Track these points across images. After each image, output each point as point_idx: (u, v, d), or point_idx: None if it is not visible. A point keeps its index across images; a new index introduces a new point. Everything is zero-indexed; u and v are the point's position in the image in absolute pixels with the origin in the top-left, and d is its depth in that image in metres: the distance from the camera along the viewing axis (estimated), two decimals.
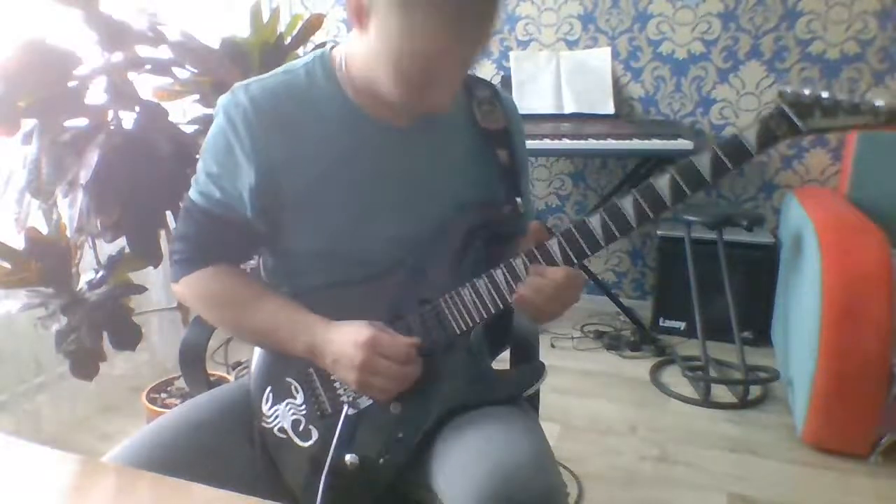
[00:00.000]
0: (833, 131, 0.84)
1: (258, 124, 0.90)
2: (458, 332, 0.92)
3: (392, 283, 0.94)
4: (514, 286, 0.90)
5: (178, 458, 0.85)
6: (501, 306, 0.91)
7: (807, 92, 0.83)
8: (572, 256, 0.90)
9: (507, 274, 0.91)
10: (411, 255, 0.95)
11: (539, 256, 0.90)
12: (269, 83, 0.93)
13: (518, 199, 0.97)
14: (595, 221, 0.89)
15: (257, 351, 1.02)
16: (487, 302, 0.91)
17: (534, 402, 1.06)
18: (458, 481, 0.81)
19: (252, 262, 1.14)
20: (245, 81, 0.93)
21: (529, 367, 0.96)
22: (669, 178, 0.86)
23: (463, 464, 0.83)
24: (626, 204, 0.88)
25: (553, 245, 0.90)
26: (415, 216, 0.95)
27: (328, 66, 0.94)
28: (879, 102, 0.80)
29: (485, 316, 0.92)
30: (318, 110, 0.92)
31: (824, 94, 0.82)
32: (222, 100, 0.92)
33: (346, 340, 0.87)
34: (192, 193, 0.97)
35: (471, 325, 0.92)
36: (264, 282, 1.05)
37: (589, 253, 0.90)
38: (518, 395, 0.95)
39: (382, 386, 0.87)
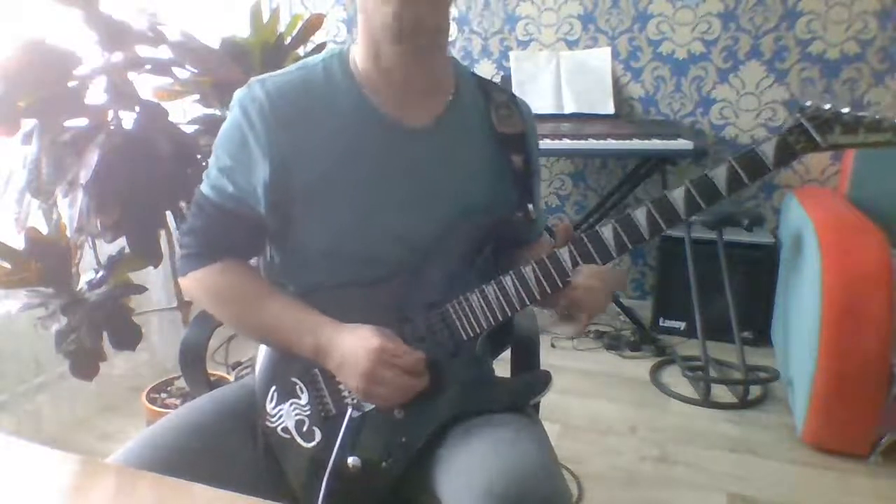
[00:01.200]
0: (852, 148, 0.83)
1: (273, 118, 0.90)
2: (464, 337, 0.91)
3: (398, 285, 0.94)
4: (522, 294, 0.90)
5: (179, 459, 0.85)
6: (510, 313, 0.91)
7: (827, 107, 0.81)
8: (582, 265, 0.89)
9: (516, 281, 0.90)
10: (419, 257, 0.94)
11: (550, 265, 0.89)
12: (285, 78, 0.93)
13: (530, 206, 0.97)
14: (607, 232, 0.88)
15: (262, 349, 1.01)
16: (496, 309, 0.91)
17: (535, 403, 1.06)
18: (462, 487, 0.81)
19: (252, 261, 1.14)
20: (261, 76, 0.93)
21: (535, 375, 0.96)
22: (684, 191, 0.85)
23: (467, 469, 0.82)
24: (640, 215, 0.87)
25: (564, 254, 0.89)
26: (423, 217, 0.94)
27: (346, 62, 0.95)
28: None
29: (492, 323, 0.91)
30: (333, 105, 0.92)
31: (845, 110, 0.81)
32: (238, 93, 0.93)
33: (354, 346, 0.87)
34: (204, 188, 0.96)
35: (478, 331, 0.91)
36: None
37: (600, 263, 0.89)
38: (523, 403, 0.94)
39: (385, 395, 0.86)
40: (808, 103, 0.83)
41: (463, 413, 0.90)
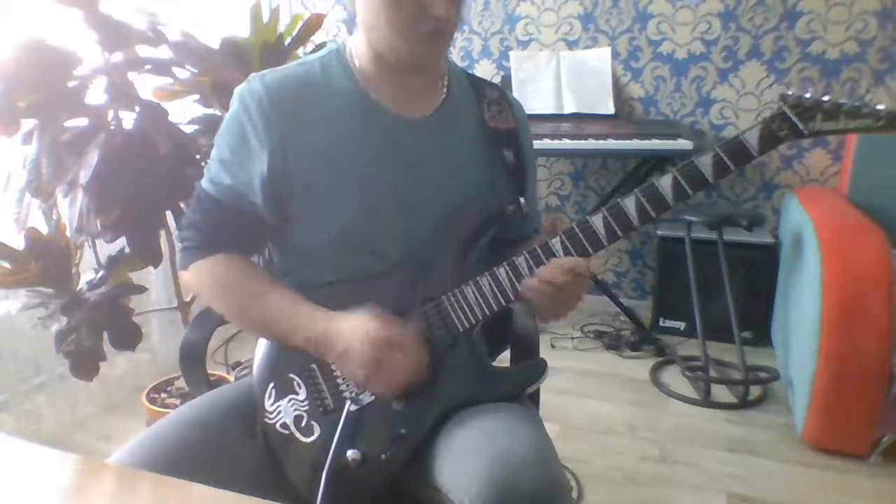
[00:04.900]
0: (834, 134, 0.86)
1: (271, 110, 0.92)
2: (460, 329, 0.92)
3: (396, 280, 0.94)
4: (516, 284, 0.91)
5: (180, 458, 0.85)
6: (504, 304, 0.92)
7: (808, 95, 0.84)
8: (574, 255, 0.90)
9: (509, 272, 0.91)
10: (415, 251, 0.95)
11: (542, 255, 0.91)
12: (284, 72, 0.96)
13: (521, 199, 0.98)
14: (598, 220, 0.90)
15: (260, 347, 1.02)
16: (490, 299, 0.92)
17: (534, 400, 1.06)
18: (461, 473, 0.81)
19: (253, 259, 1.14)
20: (261, 72, 0.95)
21: (531, 364, 0.97)
22: (672, 179, 0.88)
23: (465, 456, 0.83)
24: (629, 203, 0.89)
25: (556, 244, 0.90)
26: (420, 209, 0.95)
27: (343, 58, 0.97)
28: (880, 106, 0.82)
29: (487, 314, 0.92)
30: (332, 99, 0.94)
31: (825, 98, 0.83)
32: (238, 88, 0.95)
33: (355, 334, 0.87)
34: (203, 182, 0.98)
35: (473, 322, 0.92)
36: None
37: (591, 252, 0.90)
38: (520, 392, 0.95)
39: (390, 380, 0.87)
40: (790, 91, 0.85)
41: (461, 403, 0.91)
